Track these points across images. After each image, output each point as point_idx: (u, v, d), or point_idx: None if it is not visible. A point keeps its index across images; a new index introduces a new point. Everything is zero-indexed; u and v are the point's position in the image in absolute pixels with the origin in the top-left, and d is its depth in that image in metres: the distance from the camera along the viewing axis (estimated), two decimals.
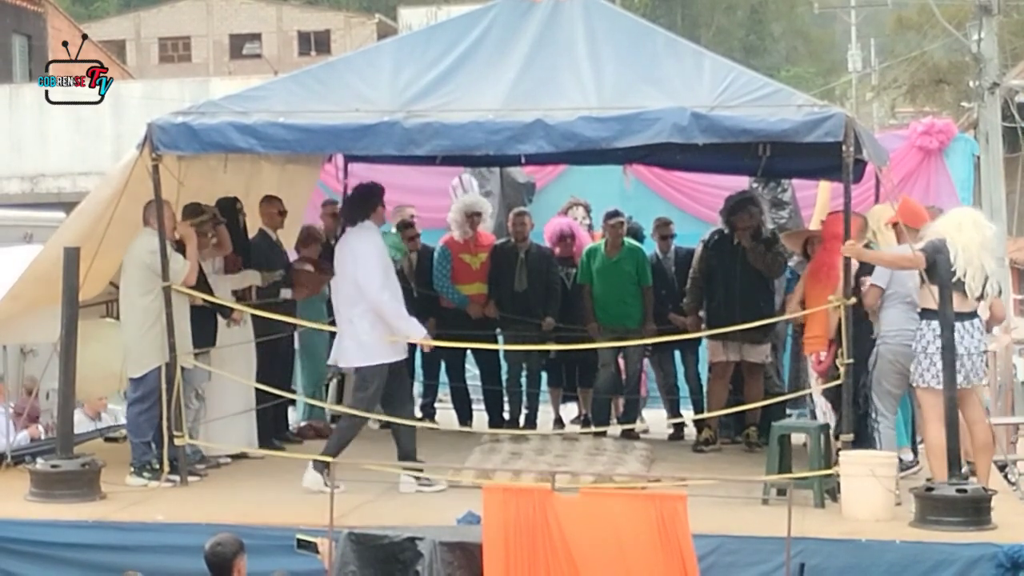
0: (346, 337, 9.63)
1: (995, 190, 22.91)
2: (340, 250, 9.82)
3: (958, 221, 9.09)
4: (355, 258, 9.56)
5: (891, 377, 9.42)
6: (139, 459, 9.73)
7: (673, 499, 7.30)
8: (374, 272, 9.53)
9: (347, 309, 9.63)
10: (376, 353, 9.57)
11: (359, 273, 9.52)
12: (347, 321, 9.62)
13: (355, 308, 9.56)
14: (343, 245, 9.82)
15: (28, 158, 30.85)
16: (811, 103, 9.10)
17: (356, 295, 9.54)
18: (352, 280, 9.56)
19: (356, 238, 9.69)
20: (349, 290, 9.60)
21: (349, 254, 9.64)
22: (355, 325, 9.55)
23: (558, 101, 9.23)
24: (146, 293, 9.67)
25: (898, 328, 9.34)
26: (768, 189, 13.70)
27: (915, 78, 36.42)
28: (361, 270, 9.52)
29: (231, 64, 55.40)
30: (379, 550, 7.63)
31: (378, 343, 9.55)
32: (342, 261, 9.70)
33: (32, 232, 14.22)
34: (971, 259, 8.89)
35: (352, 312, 9.58)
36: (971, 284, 8.89)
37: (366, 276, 9.50)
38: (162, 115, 9.61)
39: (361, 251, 9.57)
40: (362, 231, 9.70)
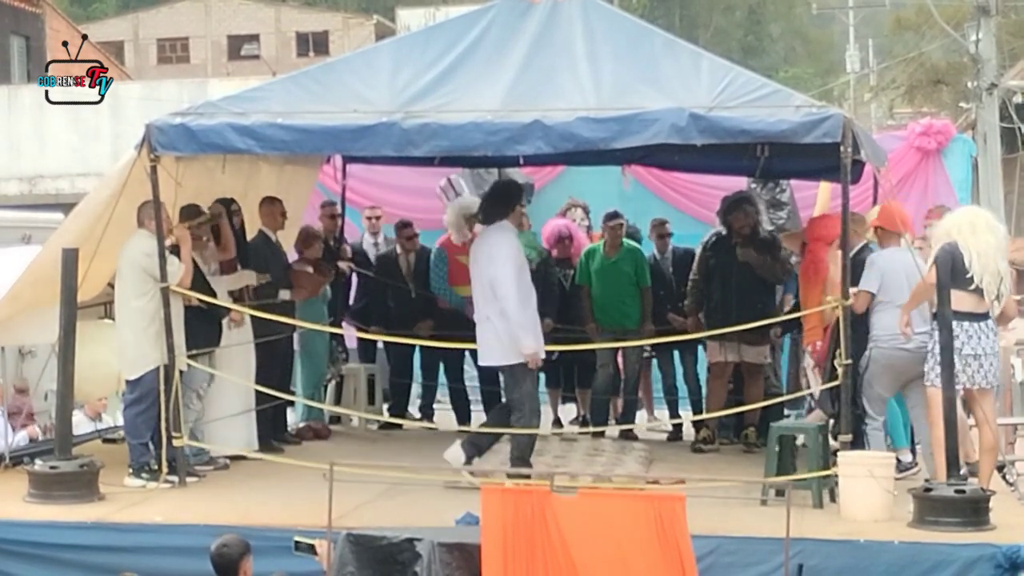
0: (487, 336, 9.61)
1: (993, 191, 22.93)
2: (476, 248, 9.81)
3: (972, 223, 9.09)
4: (491, 257, 9.54)
5: (882, 380, 9.45)
6: (137, 460, 9.72)
7: (672, 500, 7.30)
8: (508, 272, 9.50)
9: (483, 307, 9.60)
10: (516, 352, 9.54)
11: (493, 272, 9.50)
12: (484, 319, 9.60)
13: (491, 306, 9.53)
14: (480, 244, 9.80)
15: (26, 159, 30.84)
16: (809, 104, 9.10)
17: (491, 294, 9.53)
18: (487, 278, 9.54)
19: (493, 237, 9.66)
20: (484, 289, 9.58)
21: (485, 253, 9.62)
22: (494, 323, 9.53)
23: (556, 102, 9.23)
24: (141, 295, 9.66)
25: (891, 332, 9.36)
26: (766, 190, 13.70)
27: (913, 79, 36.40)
28: (495, 269, 9.49)
29: (229, 65, 55.38)
30: (377, 551, 7.63)
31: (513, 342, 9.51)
32: (477, 259, 9.69)
33: (30, 233, 14.21)
34: (987, 263, 8.92)
35: (488, 310, 9.55)
36: (989, 287, 8.92)
37: (499, 276, 9.48)
38: (160, 116, 9.60)
39: (497, 250, 9.55)
40: (499, 230, 9.69)
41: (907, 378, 9.51)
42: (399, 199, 13.96)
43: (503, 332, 9.50)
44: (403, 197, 14.00)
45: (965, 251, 8.91)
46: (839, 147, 8.87)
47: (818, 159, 10.39)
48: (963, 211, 9.49)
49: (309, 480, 8.97)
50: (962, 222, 9.12)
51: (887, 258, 9.60)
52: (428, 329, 12.45)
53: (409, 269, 12.79)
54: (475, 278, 9.71)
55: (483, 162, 13.11)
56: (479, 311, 9.66)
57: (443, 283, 12.52)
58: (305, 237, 12.07)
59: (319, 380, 12.55)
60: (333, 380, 12.84)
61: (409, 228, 12.86)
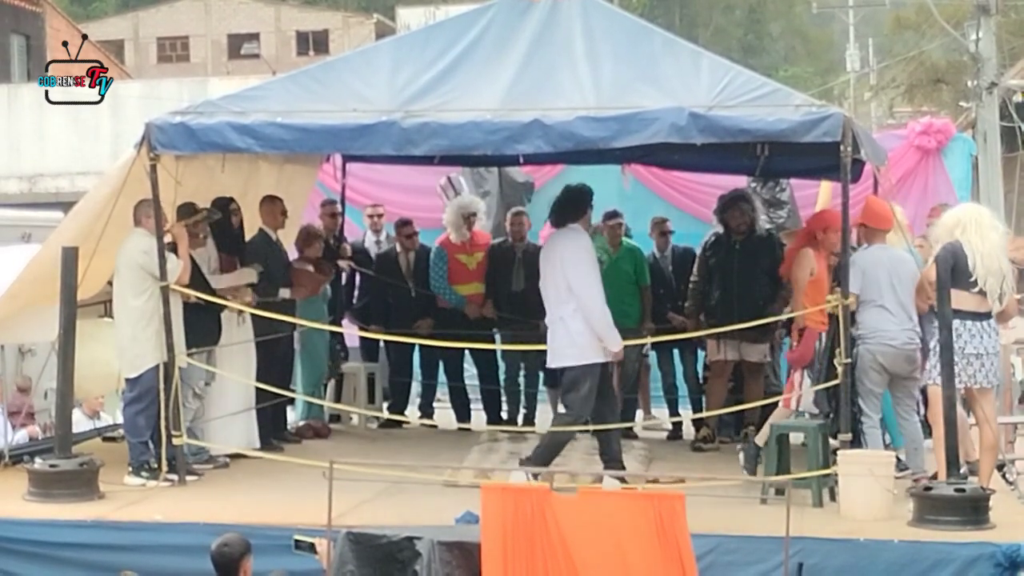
0: (559, 337, 9.57)
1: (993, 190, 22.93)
2: (548, 251, 9.78)
3: (977, 221, 9.09)
4: (564, 260, 9.52)
5: (871, 375, 9.46)
6: (137, 459, 9.73)
7: (671, 498, 7.30)
8: (588, 274, 9.51)
9: (556, 308, 9.56)
10: (589, 352, 9.51)
11: (571, 274, 9.47)
12: (557, 320, 9.56)
13: (565, 307, 9.50)
14: (552, 246, 9.78)
15: (26, 158, 30.85)
16: (809, 103, 9.09)
17: (566, 295, 9.49)
18: (562, 281, 9.51)
19: (568, 240, 9.64)
20: (558, 290, 9.55)
21: (558, 255, 9.59)
22: (567, 324, 9.50)
23: (556, 101, 9.23)
24: (139, 293, 9.67)
25: (873, 329, 9.41)
26: (767, 189, 13.70)
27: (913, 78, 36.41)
28: (573, 272, 9.47)
29: (229, 64, 55.38)
30: (377, 550, 7.63)
31: (591, 343, 9.51)
32: (550, 261, 9.65)
33: (30, 232, 14.23)
34: (991, 263, 8.93)
35: (562, 311, 9.51)
36: (992, 287, 8.94)
37: (580, 278, 9.47)
38: (160, 115, 9.60)
39: (575, 253, 9.54)
40: (573, 233, 9.67)
41: (894, 373, 9.52)
42: (399, 198, 13.96)
43: (576, 333, 9.46)
44: (403, 196, 14.00)
45: (969, 251, 8.92)
46: (839, 146, 8.87)
47: (818, 158, 10.39)
48: (965, 209, 9.45)
49: (309, 479, 8.95)
50: (967, 220, 9.10)
51: (867, 257, 9.58)
52: (428, 328, 12.46)
53: (409, 268, 12.79)
54: (547, 280, 9.65)
55: (483, 161, 13.12)
56: (551, 313, 9.61)
57: (443, 282, 12.53)
58: (305, 236, 12.07)
59: (319, 379, 12.55)
60: (332, 379, 12.84)
61: (408, 226, 12.86)
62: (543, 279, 9.74)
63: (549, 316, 9.68)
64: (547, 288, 9.68)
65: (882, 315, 9.39)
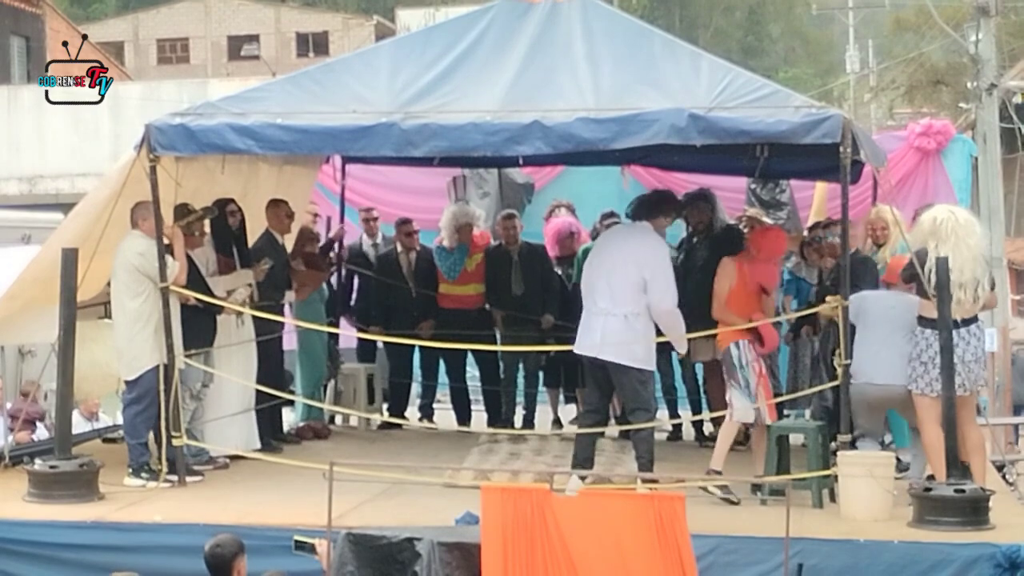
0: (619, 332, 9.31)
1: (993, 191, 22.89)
2: (621, 243, 9.56)
3: (952, 230, 8.97)
4: (643, 258, 9.33)
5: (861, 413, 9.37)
6: (136, 460, 9.73)
7: (671, 499, 7.30)
8: (672, 280, 9.40)
9: (622, 305, 9.32)
10: (652, 356, 9.48)
11: (653, 277, 9.29)
12: (621, 316, 9.32)
13: (631, 305, 9.31)
14: (626, 240, 9.56)
15: (26, 159, 30.83)
16: (808, 104, 9.09)
17: (635, 293, 9.30)
18: (636, 278, 9.29)
19: (647, 239, 9.48)
20: (627, 286, 9.32)
21: (634, 252, 9.38)
22: (631, 323, 9.29)
23: (556, 102, 9.23)
24: (136, 295, 9.67)
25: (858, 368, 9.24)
26: (766, 190, 13.71)
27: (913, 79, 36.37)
28: (657, 275, 9.31)
29: (229, 65, 55.38)
30: (377, 550, 7.63)
31: (651, 348, 9.44)
32: (622, 254, 9.41)
33: (30, 233, 14.22)
34: (964, 276, 8.87)
35: (627, 308, 9.31)
36: (965, 299, 8.88)
37: (666, 283, 9.34)
38: (160, 116, 9.60)
39: (657, 257, 9.40)
40: (650, 233, 9.52)
41: (883, 409, 9.47)
42: (399, 199, 13.97)
43: (644, 334, 9.34)
44: (403, 197, 14.01)
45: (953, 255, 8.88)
46: (838, 148, 8.87)
47: (818, 159, 10.39)
48: (941, 216, 9.16)
49: (309, 480, 8.97)
50: (943, 232, 8.97)
51: (870, 298, 9.56)
52: (430, 329, 12.47)
53: (410, 268, 12.80)
54: (615, 272, 9.38)
55: (482, 162, 13.13)
56: (615, 307, 9.33)
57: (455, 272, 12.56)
58: (300, 236, 12.11)
59: (319, 380, 12.56)
60: (332, 379, 12.85)
61: (408, 224, 12.87)
62: (600, 267, 9.48)
63: (601, 306, 9.38)
64: (614, 280, 9.38)
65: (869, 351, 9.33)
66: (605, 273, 9.45)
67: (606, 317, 9.35)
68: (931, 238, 8.99)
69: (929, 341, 8.90)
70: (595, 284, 9.48)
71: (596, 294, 9.44)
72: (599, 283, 9.46)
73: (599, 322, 9.38)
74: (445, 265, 12.60)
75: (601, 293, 9.41)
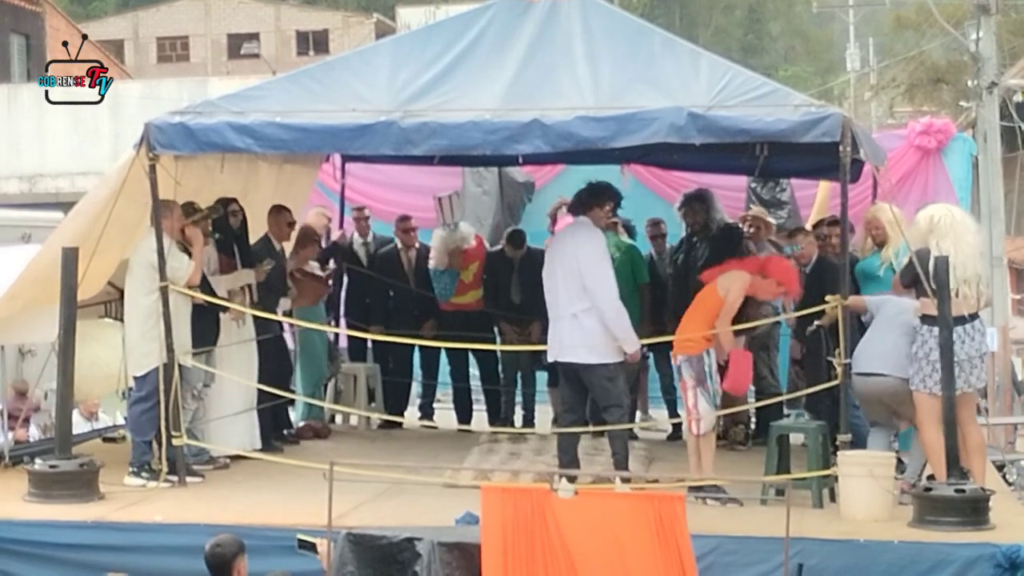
0: (574, 333, 9.33)
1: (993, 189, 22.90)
2: (560, 243, 9.61)
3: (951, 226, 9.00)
4: (579, 256, 9.33)
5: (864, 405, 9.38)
6: (139, 458, 9.73)
7: (671, 499, 7.30)
8: (606, 274, 9.37)
9: (568, 305, 9.34)
10: (608, 351, 9.41)
11: (587, 273, 9.30)
12: (570, 316, 9.35)
13: (577, 304, 9.30)
14: (565, 239, 9.60)
15: (26, 158, 30.84)
16: (808, 103, 9.08)
17: (579, 292, 9.31)
18: (576, 277, 9.32)
19: (581, 236, 9.46)
20: (570, 286, 9.34)
21: (572, 251, 9.40)
22: (581, 321, 9.30)
23: (555, 101, 9.22)
24: (149, 292, 9.70)
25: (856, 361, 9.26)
26: (767, 189, 13.70)
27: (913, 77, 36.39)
28: (590, 271, 9.30)
29: (229, 64, 55.37)
30: (377, 550, 7.63)
31: (608, 341, 9.39)
32: (563, 254, 9.45)
33: (30, 232, 14.22)
34: (967, 272, 8.89)
35: (576, 307, 9.31)
36: (968, 293, 8.89)
37: (598, 278, 9.31)
38: (159, 115, 9.59)
39: (589, 251, 9.37)
40: (586, 229, 9.51)
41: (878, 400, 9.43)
42: (398, 197, 13.97)
43: (593, 331, 9.31)
44: (402, 195, 14.00)
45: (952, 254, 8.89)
46: (838, 146, 8.86)
47: (818, 158, 10.39)
48: (939, 213, 9.19)
49: (309, 480, 8.97)
50: (942, 228, 8.99)
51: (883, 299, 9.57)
52: (431, 329, 12.47)
53: (410, 265, 12.81)
54: (558, 273, 9.44)
55: (482, 161, 13.12)
56: (561, 308, 9.39)
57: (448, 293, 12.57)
58: (302, 237, 12.09)
59: (319, 379, 12.55)
60: (333, 379, 12.84)
61: (407, 222, 12.88)
62: (551, 272, 9.54)
63: (556, 311, 9.47)
64: (557, 282, 9.47)
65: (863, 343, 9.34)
66: (552, 275, 9.53)
67: (560, 320, 9.44)
68: (931, 236, 8.99)
69: (928, 338, 8.89)
70: (549, 288, 9.57)
71: (551, 298, 9.54)
72: (551, 287, 9.55)
73: (558, 325, 9.46)
74: (438, 288, 12.61)
75: (554, 296, 9.50)
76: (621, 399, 9.47)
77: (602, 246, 9.53)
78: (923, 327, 8.96)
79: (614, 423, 9.42)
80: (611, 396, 9.42)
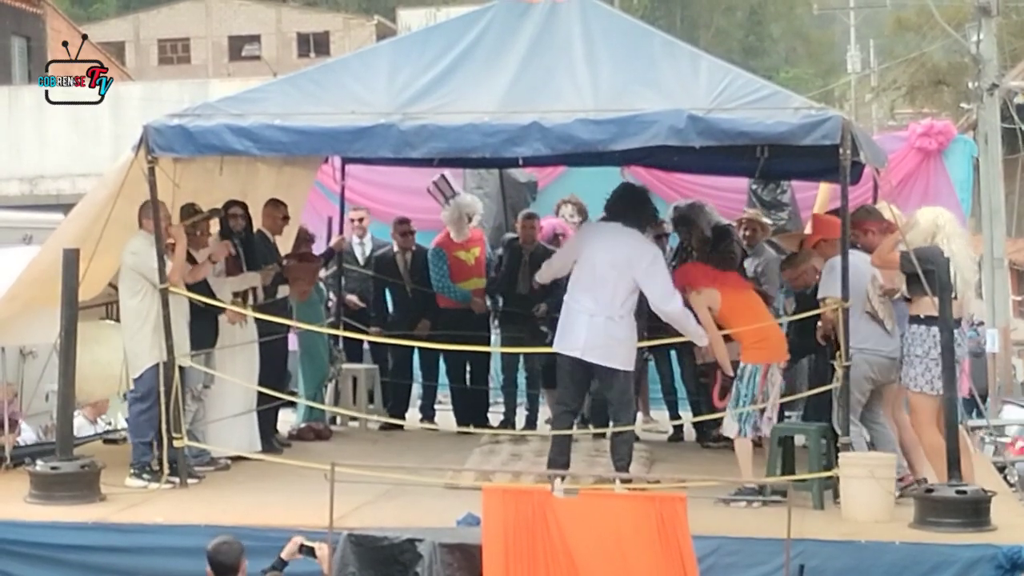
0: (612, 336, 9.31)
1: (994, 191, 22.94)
2: (612, 244, 9.45)
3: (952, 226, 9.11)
4: (637, 263, 9.32)
5: (863, 384, 9.37)
6: (139, 459, 9.73)
7: (673, 500, 7.30)
8: (669, 282, 9.42)
9: (609, 307, 9.31)
10: (632, 359, 9.47)
11: (651, 283, 9.32)
12: (607, 318, 9.30)
13: (617, 307, 9.30)
14: (617, 241, 9.46)
15: (27, 159, 30.86)
16: (808, 105, 9.08)
17: (625, 296, 9.32)
18: (628, 281, 9.30)
19: (640, 244, 9.48)
20: (617, 288, 9.31)
21: (627, 254, 9.35)
22: (615, 325, 9.29)
23: (555, 103, 9.21)
24: (134, 294, 9.73)
25: (865, 337, 9.29)
26: (767, 191, 13.69)
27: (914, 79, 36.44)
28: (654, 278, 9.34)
29: (230, 66, 55.42)
30: (379, 552, 7.65)
31: (633, 350, 9.45)
32: (613, 255, 9.35)
33: (31, 234, 14.19)
34: (968, 274, 8.97)
35: (612, 311, 9.30)
36: (968, 297, 8.96)
37: (665, 285, 9.37)
38: (158, 117, 9.59)
39: (651, 261, 9.39)
40: (642, 237, 9.54)
41: (880, 382, 9.47)
42: (398, 199, 13.97)
43: (628, 336, 9.36)
44: (402, 197, 14.00)
45: (953, 261, 8.92)
46: (838, 149, 8.86)
47: (818, 160, 10.37)
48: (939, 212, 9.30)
49: (310, 481, 8.98)
50: (948, 228, 9.08)
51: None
52: (426, 330, 12.46)
53: (407, 267, 12.82)
54: (601, 273, 9.35)
55: (481, 163, 13.13)
56: (599, 308, 9.31)
57: (445, 280, 12.52)
58: (297, 238, 12.11)
59: (321, 381, 12.56)
60: (334, 380, 12.84)
61: (405, 224, 12.88)
62: (593, 268, 9.41)
63: (591, 308, 9.35)
64: (598, 282, 9.36)
65: (872, 323, 9.34)
66: (589, 273, 9.44)
67: (591, 317, 9.35)
68: (938, 235, 9.02)
69: (923, 339, 8.91)
70: (579, 281, 9.48)
71: (579, 291, 9.44)
72: (583, 282, 9.45)
73: (583, 321, 9.38)
74: (436, 278, 12.58)
75: (584, 292, 9.41)
76: (632, 405, 9.58)
77: (660, 255, 9.69)
78: (917, 327, 8.98)
79: (622, 427, 9.46)
80: (627, 402, 9.52)
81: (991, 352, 21.86)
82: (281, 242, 11.73)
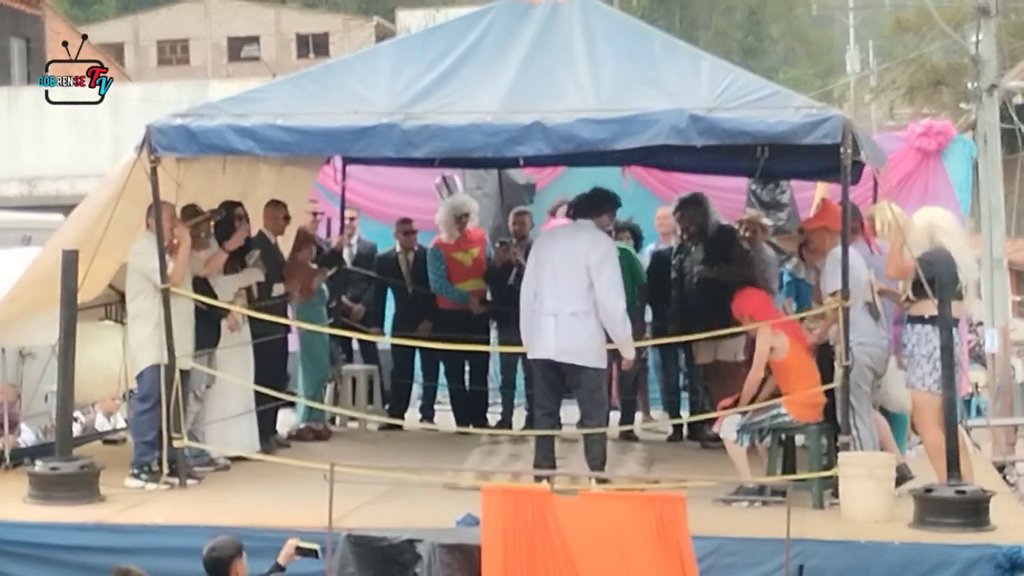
0: (579, 333, 9.34)
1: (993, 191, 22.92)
2: (567, 242, 9.54)
3: (950, 225, 9.12)
4: (589, 259, 9.35)
5: (866, 375, 9.38)
6: (139, 459, 9.73)
7: (672, 500, 7.31)
8: (617, 281, 9.40)
9: (570, 303, 9.35)
10: (603, 356, 9.50)
11: (599, 277, 9.32)
12: (570, 315, 9.35)
13: (580, 304, 9.34)
14: (572, 238, 9.55)
15: (26, 160, 30.82)
16: (809, 105, 9.09)
17: (584, 292, 9.33)
18: (584, 278, 9.33)
19: (593, 238, 9.50)
20: (575, 286, 9.35)
21: (583, 251, 9.39)
22: (582, 322, 9.33)
23: (556, 103, 9.22)
24: (136, 294, 9.77)
25: (863, 329, 9.28)
26: (767, 191, 13.69)
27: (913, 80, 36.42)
28: (602, 275, 9.33)
29: (229, 67, 55.39)
30: (378, 552, 7.65)
31: (603, 346, 9.45)
32: (569, 253, 9.42)
33: (31, 234, 14.20)
34: (972, 273, 9.00)
35: (577, 307, 9.34)
36: (971, 296, 8.97)
37: (609, 284, 9.35)
38: (160, 117, 9.59)
39: (602, 256, 9.40)
40: (597, 232, 9.57)
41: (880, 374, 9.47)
42: (399, 200, 13.98)
43: (594, 334, 9.36)
44: (403, 198, 14.01)
45: (958, 260, 8.94)
46: (839, 148, 8.87)
47: (818, 160, 10.38)
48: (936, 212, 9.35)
49: (309, 481, 8.98)
50: (948, 227, 9.09)
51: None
52: (427, 331, 12.46)
53: (408, 268, 12.82)
54: (561, 271, 9.41)
55: (483, 163, 13.13)
56: (562, 306, 9.36)
57: (443, 281, 12.52)
58: (297, 240, 12.10)
59: (321, 381, 12.55)
60: (334, 380, 12.84)
61: (407, 224, 12.89)
62: (553, 267, 9.48)
63: (554, 307, 9.42)
64: (558, 279, 9.43)
65: (870, 316, 9.35)
66: (550, 273, 9.48)
67: (555, 317, 9.41)
68: (937, 232, 9.03)
69: (929, 338, 8.91)
70: (541, 285, 9.52)
71: (543, 294, 9.49)
72: (545, 283, 9.49)
73: (549, 323, 9.43)
74: (434, 278, 12.57)
75: (547, 293, 9.46)
76: (605, 403, 9.58)
77: (615, 251, 9.60)
78: (919, 326, 8.99)
79: (594, 427, 9.48)
80: (598, 401, 9.52)
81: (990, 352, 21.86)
82: (281, 242, 11.74)
